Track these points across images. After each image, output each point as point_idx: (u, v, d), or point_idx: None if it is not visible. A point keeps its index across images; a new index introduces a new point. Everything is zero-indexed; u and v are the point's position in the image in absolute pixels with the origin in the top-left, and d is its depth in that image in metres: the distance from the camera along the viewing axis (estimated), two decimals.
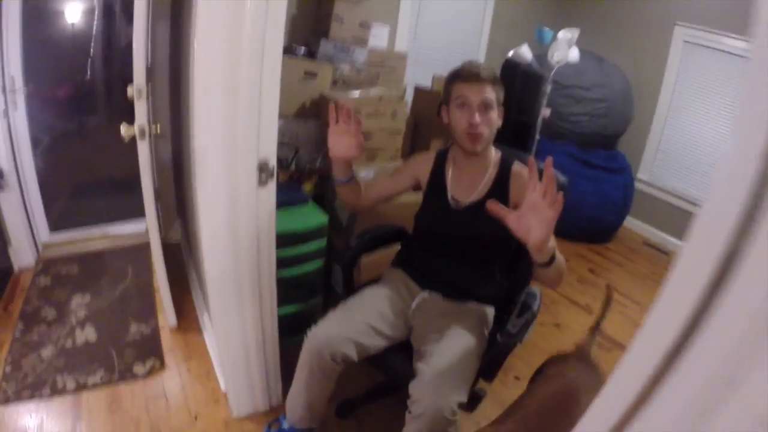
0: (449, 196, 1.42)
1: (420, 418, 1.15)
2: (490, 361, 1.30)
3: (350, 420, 1.70)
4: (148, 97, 1.74)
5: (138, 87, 1.65)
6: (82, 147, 4.21)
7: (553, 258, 1.07)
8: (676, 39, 3.31)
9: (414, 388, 1.19)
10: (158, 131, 1.72)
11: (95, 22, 3.84)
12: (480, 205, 1.29)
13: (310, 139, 2.17)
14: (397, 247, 1.65)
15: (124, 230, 3.03)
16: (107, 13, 3.94)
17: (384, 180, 1.58)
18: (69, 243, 2.84)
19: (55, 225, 2.87)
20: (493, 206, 1.03)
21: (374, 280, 1.54)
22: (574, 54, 3.03)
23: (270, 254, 1.39)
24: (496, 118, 1.32)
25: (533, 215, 0.99)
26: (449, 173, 1.44)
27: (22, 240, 2.56)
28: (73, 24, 3.81)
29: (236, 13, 1.09)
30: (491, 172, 1.39)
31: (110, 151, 3.91)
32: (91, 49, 3.89)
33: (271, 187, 1.28)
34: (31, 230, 2.65)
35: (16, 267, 2.55)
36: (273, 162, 1.25)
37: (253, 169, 1.22)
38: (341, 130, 1.29)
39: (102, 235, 2.95)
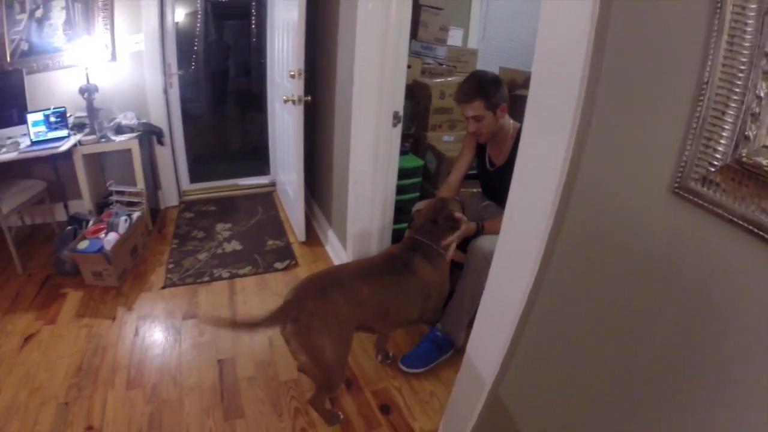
0: (487, 160, 1.96)
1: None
2: None
3: None
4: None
5: (298, 69, 2.42)
6: (218, 120, 5.29)
7: (479, 231, 1.76)
8: None
9: None
10: (309, 100, 2.49)
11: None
12: (504, 167, 1.84)
13: (407, 112, 2.88)
14: None
15: (250, 182, 3.86)
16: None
17: (458, 164, 2.04)
18: (205, 190, 3.70)
19: (193, 177, 3.73)
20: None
21: None
22: None
23: (393, 174, 2.10)
24: (489, 121, 1.78)
25: None
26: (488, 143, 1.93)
27: (169, 185, 3.44)
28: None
29: (384, 23, 1.82)
30: (509, 142, 1.85)
31: (238, 126, 4.92)
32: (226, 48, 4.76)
33: (399, 128, 1.99)
34: (177, 178, 3.53)
35: (163, 206, 3.43)
36: (401, 112, 1.97)
37: (390, 115, 1.94)
38: None
39: (232, 185, 3.80)
